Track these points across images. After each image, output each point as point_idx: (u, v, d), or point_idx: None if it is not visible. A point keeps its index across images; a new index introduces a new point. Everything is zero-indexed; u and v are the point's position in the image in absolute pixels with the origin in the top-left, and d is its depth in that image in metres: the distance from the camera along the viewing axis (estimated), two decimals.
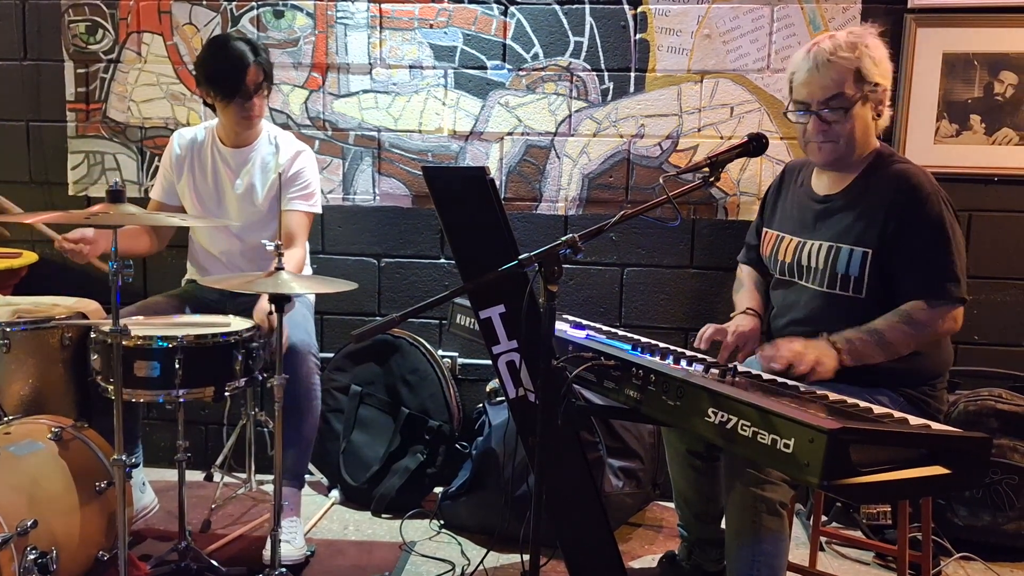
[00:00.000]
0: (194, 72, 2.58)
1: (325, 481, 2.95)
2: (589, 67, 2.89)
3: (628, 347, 1.85)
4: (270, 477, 2.24)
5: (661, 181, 1.90)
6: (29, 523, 1.76)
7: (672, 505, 2.40)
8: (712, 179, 1.76)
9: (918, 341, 1.83)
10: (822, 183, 2.01)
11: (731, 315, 2.12)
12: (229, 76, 2.44)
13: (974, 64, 2.73)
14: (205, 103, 2.58)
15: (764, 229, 2.15)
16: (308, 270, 2.82)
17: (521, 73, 2.91)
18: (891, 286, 1.86)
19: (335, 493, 2.88)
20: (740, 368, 1.74)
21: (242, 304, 2.48)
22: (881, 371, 1.83)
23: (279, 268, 2.04)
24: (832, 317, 1.90)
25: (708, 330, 2.01)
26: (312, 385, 2.44)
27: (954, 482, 1.41)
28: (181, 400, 2.11)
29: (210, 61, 2.48)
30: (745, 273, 2.25)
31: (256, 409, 2.68)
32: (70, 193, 3.09)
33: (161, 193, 2.68)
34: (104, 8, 3.01)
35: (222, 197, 2.63)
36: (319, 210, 2.65)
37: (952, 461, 1.41)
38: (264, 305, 2.23)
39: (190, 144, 2.64)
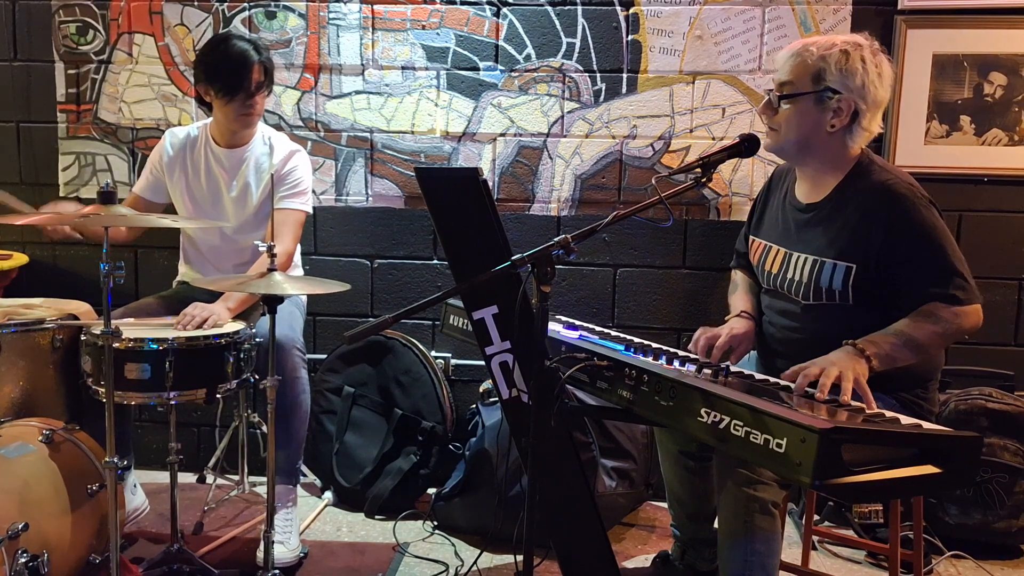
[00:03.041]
0: (193, 69, 2.55)
1: (318, 482, 2.95)
2: (581, 68, 2.89)
3: (621, 347, 1.85)
4: (263, 479, 2.23)
5: (653, 182, 1.89)
6: (20, 526, 1.75)
7: (665, 505, 2.41)
8: (704, 180, 1.78)
9: (946, 339, 1.80)
10: (803, 190, 2.00)
11: (726, 318, 2.13)
12: (233, 74, 2.43)
13: (964, 65, 2.75)
14: (201, 102, 2.56)
15: (751, 237, 2.15)
16: (300, 271, 2.81)
17: (514, 74, 2.91)
18: (883, 296, 1.85)
19: (328, 495, 2.87)
20: (733, 368, 1.74)
21: None
22: (874, 374, 1.83)
23: (271, 269, 2.03)
24: (823, 324, 1.90)
25: (701, 339, 2.00)
26: (298, 379, 2.42)
27: (945, 481, 1.42)
28: (172, 402, 2.11)
29: (212, 58, 2.46)
30: (739, 276, 2.25)
31: (248, 411, 2.68)
32: (61, 194, 3.07)
33: (144, 188, 2.65)
34: (95, 9, 2.99)
35: (217, 198, 2.61)
36: (309, 209, 2.63)
37: (943, 460, 1.42)
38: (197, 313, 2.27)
39: (183, 144, 2.63)
